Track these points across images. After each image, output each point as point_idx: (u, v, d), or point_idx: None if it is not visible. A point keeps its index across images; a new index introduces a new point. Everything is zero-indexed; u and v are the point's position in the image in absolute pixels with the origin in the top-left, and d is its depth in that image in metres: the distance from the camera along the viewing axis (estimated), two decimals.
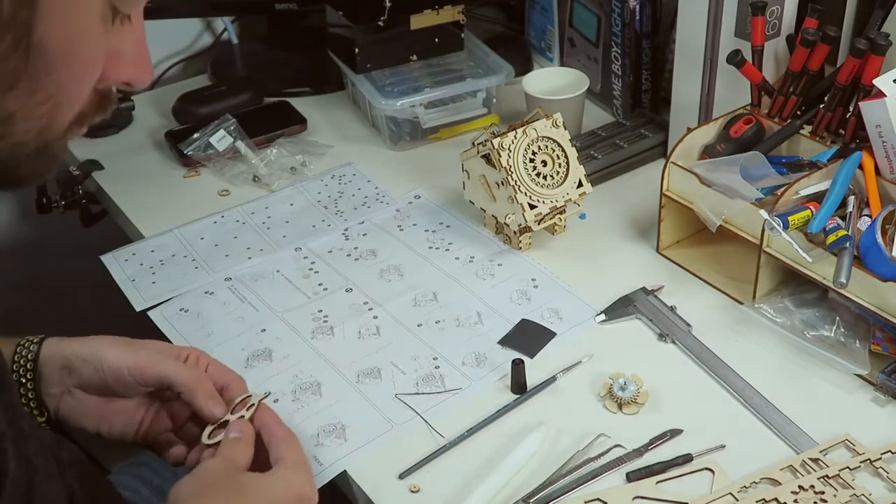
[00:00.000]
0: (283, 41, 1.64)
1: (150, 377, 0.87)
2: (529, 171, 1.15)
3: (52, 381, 0.87)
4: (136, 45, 0.64)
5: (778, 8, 1.17)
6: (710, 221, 1.09)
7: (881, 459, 0.91)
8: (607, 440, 0.95)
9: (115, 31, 0.61)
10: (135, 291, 1.17)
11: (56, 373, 0.87)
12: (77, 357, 0.87)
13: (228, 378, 0.91)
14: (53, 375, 0.87)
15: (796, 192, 1.05)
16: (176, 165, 1.39)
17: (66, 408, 0.88)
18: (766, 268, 1.07)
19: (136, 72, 0.64)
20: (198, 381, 0.87)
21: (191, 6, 1.57)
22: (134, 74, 0.64)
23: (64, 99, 0.60)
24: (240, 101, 1.48)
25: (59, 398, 0.88)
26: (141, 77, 0.65)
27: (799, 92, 1.14)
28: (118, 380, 0.87)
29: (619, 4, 1.35)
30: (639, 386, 0.99)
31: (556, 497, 0.90)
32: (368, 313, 1.12)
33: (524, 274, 1.17)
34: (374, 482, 0.92)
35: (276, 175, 1.35)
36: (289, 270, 1.19)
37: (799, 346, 1.03)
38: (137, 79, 0.65)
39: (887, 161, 1.03)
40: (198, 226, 1.27)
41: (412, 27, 1.45)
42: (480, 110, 1.44)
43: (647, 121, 1.39)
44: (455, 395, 1.01)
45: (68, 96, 0.60)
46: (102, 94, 0.64)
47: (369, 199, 1.31)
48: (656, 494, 0.90)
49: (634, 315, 1.10)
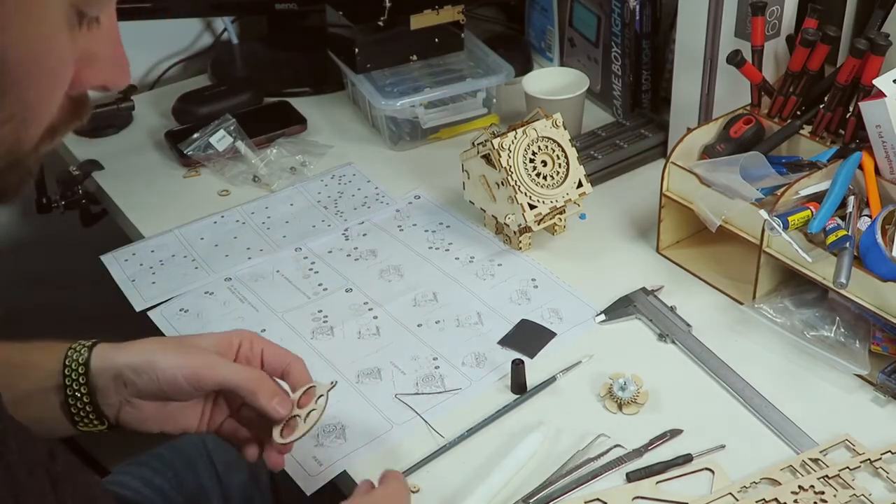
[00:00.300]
0: (283, 41, 1.64)
1: (207, 384, 0.85)
2: (529, 172, 1.15)
3: (108, 392, 0.84)
4: (108, 46, 0.60)
5: (778, 8, 1.17)
6: (710, 221, 1.09)
7: (881, 459, 0.91)
8: (607, 440, 0.95)
9: (84, 35, 0.57)
10: (135, 291, 1.17)
11: (110, 384, 0.84)
12: (130, 368, 0.84)
13: (287, 361, 0.88)
14: (108, 387, 0.84)
15: (796, 192, 1.05)
16: (176, 165, 1.39)
17: (127, 416, 0.86)
18: (766, 268, 1.07)
19: (111, 74, 0.61)
20: (257, 382, 0.85)
21: (191, 6, 1.57)
22: (108, 77, 0.61)
23: (30, 115, 0.56)
24: (240, 101, 1.48)
25: (117, 408, 0.85)
26: (116, 79, 0.61)
27: (799, 92, 1.14)
28: (175, 388, 0.84)
29: (619, 4, 1.35)
30: (639, 386, 0.99)
31: (556, 497, 0.90)
32: (368, 313, 1.12)
33: (524, 274, 1.17)
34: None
35: (276, 175, 1.35)
36: (289, 270, 1.19)
37: (799, 346, 1.03)
38: (112, 81, 0.61)
39: (887, 161, 1.03)
40: (198, 226, 1.27)
41: (412, 27, 1.45)
42: (480, 110, 1.44)
43: (647, 121, 1.39)
44: (455, 395, 1.01)
45: (35, 111, 0.57)
46: (77, 101, 0.60)
47: (369, 199, 1.31)
48: (656, 494, 0.90)
49: (634, 315, 1.10)
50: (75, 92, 0.59)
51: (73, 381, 0.83)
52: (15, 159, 0.58)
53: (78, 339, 0.87)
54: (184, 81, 1.61)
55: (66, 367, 0.84)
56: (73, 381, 0.83)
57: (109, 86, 0.61)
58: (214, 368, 0.84)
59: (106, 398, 0.84)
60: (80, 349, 0.85)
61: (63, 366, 0.84)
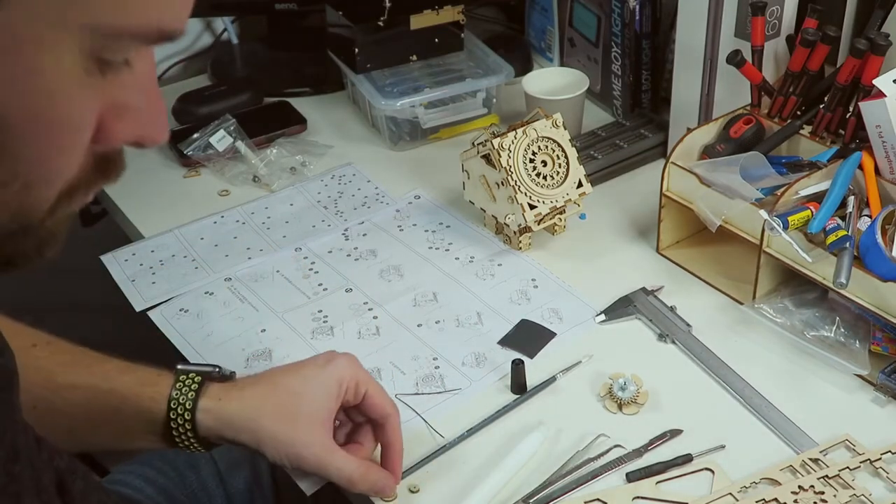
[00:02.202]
0: (283, 41, 1.64)
1: (309, 468, 0.86)
2: (529, 172, 1.15)
3: (211, 439, 0.87)
4: (142, 95, 0.51)
5: (778, 8, 1.17)
6: (710, 221, 1.09)
7: (881, 459, 0.91)
8: (607, 440, 0.95)
9: (111, 83, 0.49)
10: (135, 291, 1.17)
11: (213, 437, 0.86)
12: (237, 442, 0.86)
13: (387, 413, 0.90)
14: (209, 437, 0.86)
15: (796, 193, 1.05)
16: (176, 165, 1.39)
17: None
18: (766, 268, 1.07)
19: (145, 128, 0.52)
20: (360, 477, 0.86)
21: None
22: (142, 131, 0.52)
23: (35, 176, 0.48)
24: (240, 101, 1.48)
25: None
26: (151, 134, 0.52)
27: (799, 92, 1.14)
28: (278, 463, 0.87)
29: (619, 4, 1.35)
30: (639, 386, 0.99)
31: (556, 497, 0.90)
32: (368, 313, 1.12)
33: (524, 274, 1.17)
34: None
35: (276, 175, 1.35)
36: (289, 270, 1.19)
37: (799, 346, 1.03)
38: (147, 136, 0.52)
39: (887, 161, 1.03)
40: (198, 226, 1.27)
41: (412, 27, 1.44)
42: (480, 110, 1.44)
43: (647, 121, 1.39)
44: (455, 395, 1.01)
45: (42, 172, 0.49)
46: (105, 158, 0.52)
47: (369, 199, 1.31)
48: (656, 495, 0.90)
49: (634, 315, 1.10)
50: (103, 148, 0.51)
51: (178, 417, 0.85)
52: (26, 224, 0.50)
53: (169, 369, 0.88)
54: (184, 81, 1.61)
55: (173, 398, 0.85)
56: (178, 417, 0.85)
57: (144, 142, 0.52)
58: (317, 459, 0.85)
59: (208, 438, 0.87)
60: (189, 390, 0.86)
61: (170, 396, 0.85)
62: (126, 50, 0.48)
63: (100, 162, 0.52)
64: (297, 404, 0.85)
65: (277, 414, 0.85)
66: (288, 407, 0.85)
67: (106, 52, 0.47)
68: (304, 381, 0.87)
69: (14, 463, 0.54)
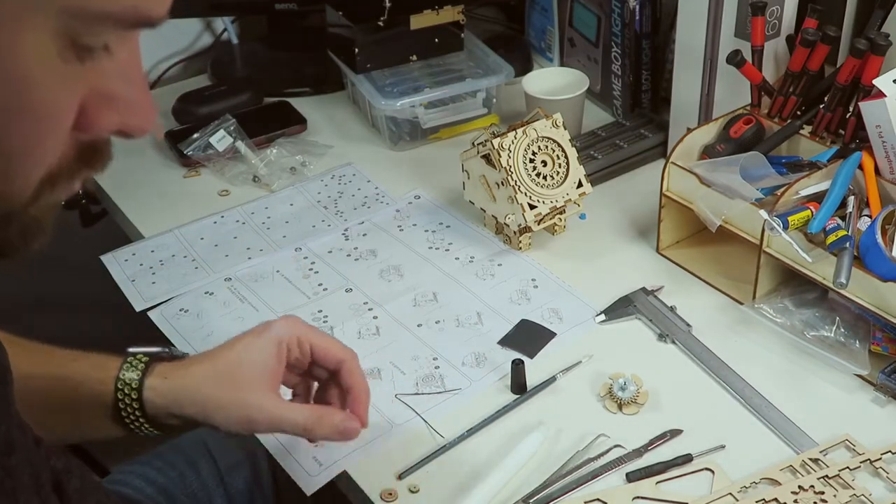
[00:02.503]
0: (283, 41, 1.64)
1: (263, 429, 0.87)
2: (529, 172, 1.15)
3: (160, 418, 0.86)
4: (127, 83, 0.50)
5: (778, 8, 1.17)
6: (710, 221, 1.09)
7: (881, 460, 0.91)
8: (607, 440, 0.95)
9: (91, 70, 0.48)
10: (135, 291, 1.17)
11: (162, 415, 0.86)
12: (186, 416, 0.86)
13: (339, 358, 0.89)
14: (158, 416, 0.86)
15: (796, 192, 1.05)
16: (176, 165, 1.39)
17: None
18: (766, 268, 1.07)
19: (128, 118, 0.51)
20: (315, 422, 0.85)
21: (191, 6, 1.57)
22: (125, 121, 0.51)
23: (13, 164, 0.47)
24: (240, 101, 1.48)
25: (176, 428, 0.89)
26: (134, 124, 0.51)
27: (799, 92, 1.14)
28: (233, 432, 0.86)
29: (619, 4, 1.35)
30: (639, 386, 0.99)
31: (556, 497, 0.90)
32: (368, 313, 1.12)
33: (524, 274, 1.17)
34: (374, 482, 0.92)
35: (276, 175, 1.35)
36: (289, 270, 1.19)
37: (799, 346, 1.03)
38: (130, 126, 0.51)
39: (887, 161, 1.03)
40: (198, 226, 1.27)
41: (412, 27, 1.45)
42: (480, 110, 1.44)
43: (647, 121, 1.39)
44: (455, 395, 1.01)
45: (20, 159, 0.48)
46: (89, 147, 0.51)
47: (369, 199, 1.31)
48: (656, 495, 0.90)
49: (634, 315, 1.10)
50: (87, 137, 0.51)
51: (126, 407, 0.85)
52: (7, 211, 0.50)
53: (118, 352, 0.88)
54: (184, 81, 1.61)
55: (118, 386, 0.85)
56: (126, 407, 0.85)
57: (129, 131, 0.51)
58: (268, 412, 0.85)
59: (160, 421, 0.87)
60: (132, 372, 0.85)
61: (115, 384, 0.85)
62: (104, 34, 0.47)
63: (84, 151, 0.51)
64: (239, 371, 0.86)
65: (220, 382, 0.85)
66: (231, 374, 0.86)
67: (83, 36, 0.46)
68: (244, 348, 0.87)
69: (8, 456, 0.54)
